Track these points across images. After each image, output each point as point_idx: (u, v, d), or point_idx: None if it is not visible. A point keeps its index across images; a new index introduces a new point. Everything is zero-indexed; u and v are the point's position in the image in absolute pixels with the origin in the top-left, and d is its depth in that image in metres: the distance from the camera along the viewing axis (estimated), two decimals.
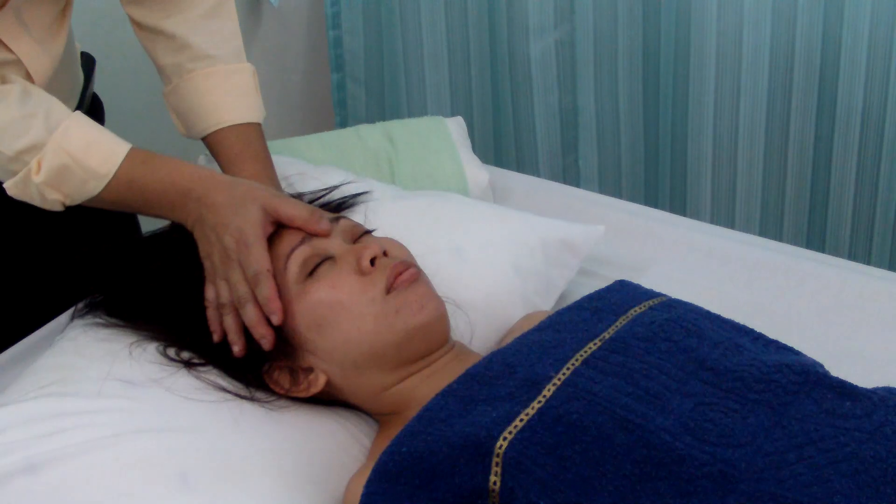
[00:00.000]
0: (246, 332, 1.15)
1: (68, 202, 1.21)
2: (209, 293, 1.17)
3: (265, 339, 1.13)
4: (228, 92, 1.34)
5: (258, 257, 1.13)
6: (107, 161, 1.19)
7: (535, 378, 1.03)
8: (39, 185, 1.18)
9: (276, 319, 1.12)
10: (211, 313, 1.17)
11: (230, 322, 1.15)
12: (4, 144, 1.16)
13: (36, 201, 1.21)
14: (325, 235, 1.17)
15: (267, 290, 1.12)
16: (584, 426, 0.96)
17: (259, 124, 1.36)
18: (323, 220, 1.17)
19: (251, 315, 1.13)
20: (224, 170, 1.32)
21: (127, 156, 1.20)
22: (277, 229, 1.18)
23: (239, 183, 1.19)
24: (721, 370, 1.05)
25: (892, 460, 0.95)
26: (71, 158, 1.17)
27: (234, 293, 1.14)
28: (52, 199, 1.20)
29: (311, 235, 1.17)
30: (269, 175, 1.31)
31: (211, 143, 1.34)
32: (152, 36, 1.36)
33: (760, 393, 1.02)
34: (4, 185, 1.20)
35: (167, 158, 1.21)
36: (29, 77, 1.27)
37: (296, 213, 1.16)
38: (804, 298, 1.44)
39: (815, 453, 0.96)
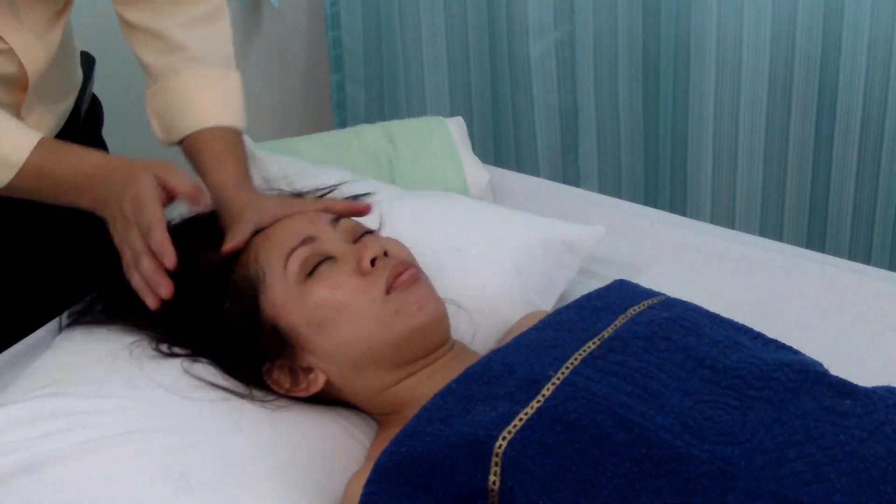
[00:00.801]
0: (241, 334, 1.16)
1: None
2: (122, 257, 1.19)
3: (161, 286, 1.15)
4: (216, 95, 1.35)
5: (151, 213, 1.16)
6: (16, 150, 1.20)
7: (534, 377, 1.03)
8: None
9: (168, 262, 1.14)
10: (127, 274, 1.18)
11: (137, 280, 1.16)
12: None
13: None
14: (206, 208, 1.21)
15: (158, 236, 1.14)
16: (583, 425, 0.96)
17: (240, 132, 1.36)
18: (204, 195, 1.20)
19: (146, 266, 1.15)
20: (202, 169, 1.31)
21: (37, 147, 1.21)
22: (275, 229, 1.19)
23: (135, 160, 1.22)
24: (720, 368, 1.05)
25: (892, 459, 0.95)
26: None
27: (133, 250, 1.16)
28: None
29: (312, 237, 1.18)
30: (247, 180, 1.32)
31: (192, 142, 1.33)
32: (142, 36, 1.36)
33: (760, 390, 1.02)
34: None
35: (73, 146, 1.24)
36: (21, 68, 1.27)
37: (181, 184, 1.19)
38: (804, 298, 1.44)
39: (815, 451, 0.96)
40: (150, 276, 1.14)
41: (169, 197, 1.19)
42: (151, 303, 1.15)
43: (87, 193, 1.21)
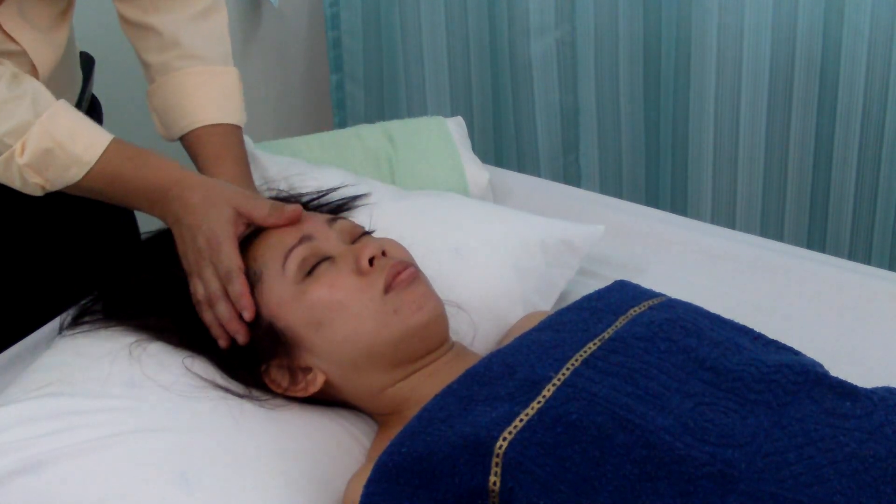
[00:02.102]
0: None
1: (48, 187, 1.21)
2: (192, 287, 1.19)
3: (238, 334, 1.15)
4: (213, 92, 1.35)
5: (228, 255, 1.15)
6: (89, 149, 1.20)
7: (534, 378, 1.03)
8: (22, 168, 1.19)
9: (247, 315, 1.14)
10: (198, 308, 1.19)
11: (210, 318, 1.17)
12: None
13: (16, 184, 1.21)
14: (295, 222, 1.19)
15: (238, 286, 1.14)
16: (583, 426, 0.96)
17: (240, 128, 1.36)
18: (285, 210, 1.19)
19: (223, 311, 1.15)
20: (201, 169, 1.32)
21: (111, 148, 1.21)
22: (272, 230, 1.19)
23: (213, 184, 1.22)
24: (721, 370, 1.05)
25: (891, 460, 0.95)
26: (55, 143, 1.18)
27: (207, 290, 1.16)
28: (33, 183, 1.20)
29: (309, 236, 1.18)
30: (246, 178, 1.32)
31: (191, 141, 1.34)
32: (141, 32, 1.36)
33: (760, 393, 1.02)
34: None
35: (150, 155, 1.23)
36: (34, 69, 1.27)
37: (262, 215, 1.19)
38: (804, 298, 1.44)
39: (815, 453, 0.96)
40: (227, 323, 1.15)
41: (247, 225, 1.19)
42: (223, 343, 1.17)
43: (158, 206, 1.21)
